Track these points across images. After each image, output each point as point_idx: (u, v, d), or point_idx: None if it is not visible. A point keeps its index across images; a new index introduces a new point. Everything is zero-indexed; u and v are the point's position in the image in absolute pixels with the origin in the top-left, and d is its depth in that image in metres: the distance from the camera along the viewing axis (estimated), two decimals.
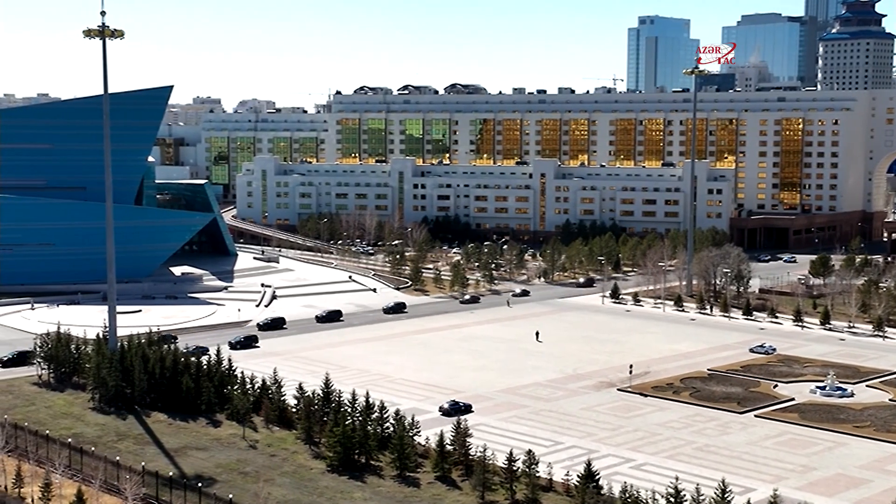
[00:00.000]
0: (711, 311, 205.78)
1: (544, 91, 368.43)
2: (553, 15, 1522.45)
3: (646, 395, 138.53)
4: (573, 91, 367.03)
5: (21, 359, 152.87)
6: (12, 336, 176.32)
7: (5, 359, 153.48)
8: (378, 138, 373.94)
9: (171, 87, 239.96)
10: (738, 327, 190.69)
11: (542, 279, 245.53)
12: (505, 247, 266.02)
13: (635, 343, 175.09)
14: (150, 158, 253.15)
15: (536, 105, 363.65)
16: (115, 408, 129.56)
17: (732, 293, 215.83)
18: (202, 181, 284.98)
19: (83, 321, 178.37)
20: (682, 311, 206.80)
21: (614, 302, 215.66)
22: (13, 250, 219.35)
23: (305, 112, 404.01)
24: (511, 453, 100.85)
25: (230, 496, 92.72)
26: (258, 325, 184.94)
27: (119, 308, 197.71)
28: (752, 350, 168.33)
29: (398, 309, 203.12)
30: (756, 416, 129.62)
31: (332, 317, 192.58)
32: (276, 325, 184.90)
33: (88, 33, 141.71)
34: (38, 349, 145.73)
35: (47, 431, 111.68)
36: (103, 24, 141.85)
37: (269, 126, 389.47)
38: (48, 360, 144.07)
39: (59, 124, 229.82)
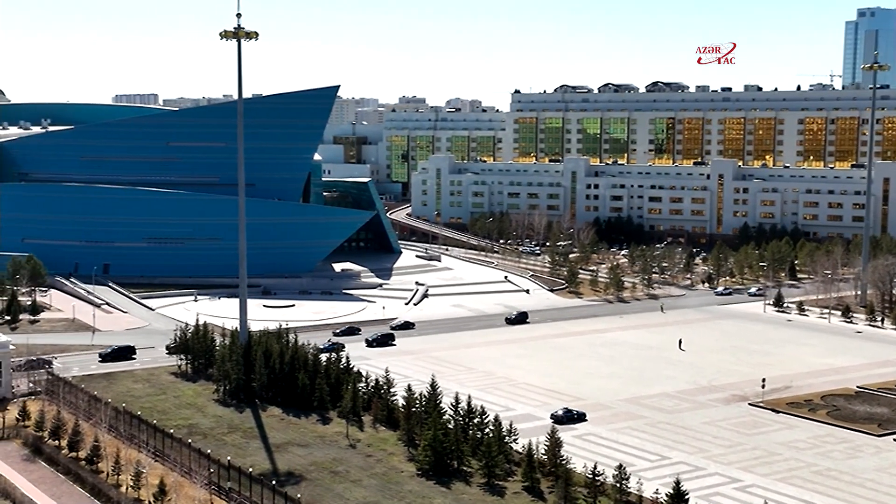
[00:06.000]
0: (882, 323, 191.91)
1: (729, 89, 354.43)
2: (766, 10, 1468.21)
3: (778, 412, 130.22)
4: (760, 88, 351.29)
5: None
6: (171, 327, 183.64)
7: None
8: (555, 137, 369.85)
9: (338, 86, 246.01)
10: None
11: (706, 284, 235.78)
12: (678, 249, 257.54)
13: (786, 355, 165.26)
14: (317, 156, 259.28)
15: (720, 103, 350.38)
16: (237, 400, 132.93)
17: None
18: (366, 179, 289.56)
19: (236, 314, 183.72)
20: (850, 322, 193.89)
21: (777, 311, 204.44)
22: (184, 244, 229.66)
23: (485, 111, 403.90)
24: (595, 466, 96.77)
25: (299, 496, 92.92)
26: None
27: (272, 302, 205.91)
28: None
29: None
30: None
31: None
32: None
33: (225, 35, 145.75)
34: (176, 341, 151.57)
35: (154, 422, 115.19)
36: (238, 25, 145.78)
37: (448, 125, 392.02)
38: (184, 352, 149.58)
39: (232, 123, 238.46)
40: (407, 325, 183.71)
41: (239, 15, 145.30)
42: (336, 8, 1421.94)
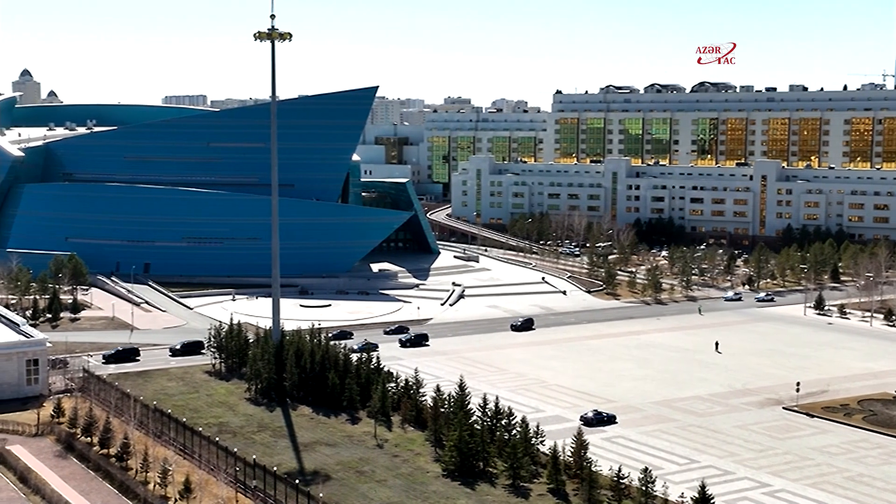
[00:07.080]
0: None
1: (774, 89, 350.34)
2: (816, 8, 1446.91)
3: (812, 416, 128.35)
4: (805, 88, 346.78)
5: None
6: (208, 325, 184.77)
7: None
8: (597, 138, 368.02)
9: (377, 87, 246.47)
10: None
11: (747, 287, 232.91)
12: (720, 251, 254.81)
13: (825, 359, 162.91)
14: (356, 157, 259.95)
15: (764, 104, 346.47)
16: (269, 399, 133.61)
17: None
18: (404, 179, 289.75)
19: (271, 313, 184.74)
20: (892, 326, 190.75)
21: (818, 313, 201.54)
22: (223, 244, 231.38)
23: (526, 111, 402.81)
24: (620, 469, 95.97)
25: (321, 495, 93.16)
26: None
27: (309, 302, 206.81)
28: None
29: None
30: None
31: None
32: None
33: (259, 36, 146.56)
34: (210, 340, 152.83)
35: (184, 419, 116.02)
36: (272, 26, 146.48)
37: (490, 126, 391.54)
38: (217, 351, 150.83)
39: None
40: (401, 330, 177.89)
41: (273, 16, 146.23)
42: (386, 8, 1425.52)
